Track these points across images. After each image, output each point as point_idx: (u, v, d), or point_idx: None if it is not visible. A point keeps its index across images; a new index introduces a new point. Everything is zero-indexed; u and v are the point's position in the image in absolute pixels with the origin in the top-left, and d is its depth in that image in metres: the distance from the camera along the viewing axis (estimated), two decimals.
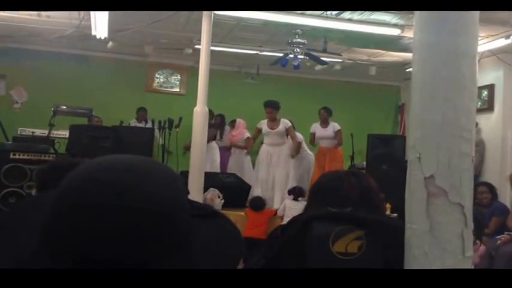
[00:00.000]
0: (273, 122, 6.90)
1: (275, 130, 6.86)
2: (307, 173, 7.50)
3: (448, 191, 1.17)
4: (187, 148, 7.23)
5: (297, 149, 7.14)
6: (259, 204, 5.86)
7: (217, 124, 8.16)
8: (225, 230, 0.86)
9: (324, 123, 7.62)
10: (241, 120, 8.21)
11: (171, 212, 0.73)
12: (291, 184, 6.62)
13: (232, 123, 8.39)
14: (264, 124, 6.99)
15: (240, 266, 1.48)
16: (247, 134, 7.92)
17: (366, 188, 1.55)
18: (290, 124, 6.94)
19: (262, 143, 7.20)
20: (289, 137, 6.94)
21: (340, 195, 1.50)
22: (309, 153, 7.70)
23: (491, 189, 5.45)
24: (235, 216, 5.78)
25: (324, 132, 7.62)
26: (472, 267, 1.20)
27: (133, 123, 8.19)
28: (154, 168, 0.76)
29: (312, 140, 7.67)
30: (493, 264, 4.60)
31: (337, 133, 7.55)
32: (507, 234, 4.91)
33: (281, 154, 6.89)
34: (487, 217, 5.17)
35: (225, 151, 8.11)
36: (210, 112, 6.30)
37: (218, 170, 7.48)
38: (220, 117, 8.48)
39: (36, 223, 0.75)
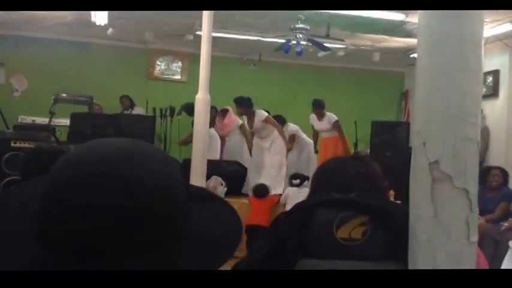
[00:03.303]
0: (250, 118, 6.79)
1: (254, 128, 6.78)
2: (308, 161, 7.46)
3: (453, 176, 1.15)
4: (185, 142, 7.20)
5: (290, 140, 7.18)
6: (262, 191, 5.86)
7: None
8: (223, 214, 0.85)
9: (319, 116, 7.54)
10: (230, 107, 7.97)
11: (167, 196, 0.71)
12: (286, 171, 6.63)
13: (224, 112, 8.23)
14: (245, 121, 6.92)
15: (243, 253, 1.48)
16: (240, 121, 7.74)
17: (370, 173, 1.53)
18: (265, 115, 6.73)
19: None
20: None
21: (344, 180, 1.49)
22: (308, 141, 7.66)
23: (504, 174, 5.44)
24: (239, 203, 5.78)
25: (320, 125, 7.53)
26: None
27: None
28: (148, 152, 0.75)
29: (314, 133, 7.66)
30: (498, 249, 4.62)
31: (335, 125, 7.39)
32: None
33: (273, 142, 6.76)
34: (496, 202, 5.19)
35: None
36: None
37: (218, 157, 7.43)
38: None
39: (26, 212, 0.73)
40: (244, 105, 6.76)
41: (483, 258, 1.51)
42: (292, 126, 7.63)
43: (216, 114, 8.13)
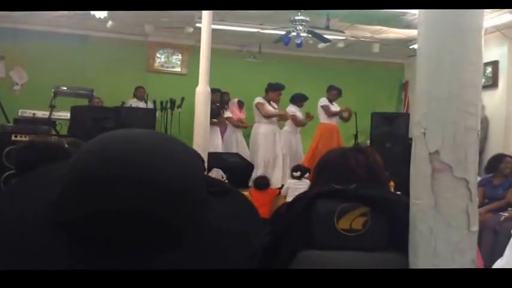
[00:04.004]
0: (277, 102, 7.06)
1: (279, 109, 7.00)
2: (299, 150, 7.52)
3: (453, 166, 1.16)
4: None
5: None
6: (263, 183, 5.85)
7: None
8: (241, 207, 0.85)
9: (334, 101, 7.60)
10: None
11: (191, 189, 0.72)
12: (290, 162, 6.69)
13: (241, 104, 8.32)
14: (266, 103, 6.95)
15: None
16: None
17: (372, 164, 1.53)
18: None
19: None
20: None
21: (346, 172, 1.49)
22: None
23: None
24: None
25: (335, 108, 7.57)
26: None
27: (134, 103, 8.13)
28: (170, 150, 0.74)
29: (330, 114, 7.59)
30: (497, 239, 4.64)
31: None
32: (511, 210, 4.94)
33: (281, 132, 7.04)
34: (505, 187, 5.19)
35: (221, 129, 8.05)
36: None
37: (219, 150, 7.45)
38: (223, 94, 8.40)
39: (41, 204, 0.74)
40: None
41: (480, 258, 1.51)
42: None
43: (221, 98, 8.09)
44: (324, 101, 7.55)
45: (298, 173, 5.91)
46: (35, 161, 1.82)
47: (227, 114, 7.95)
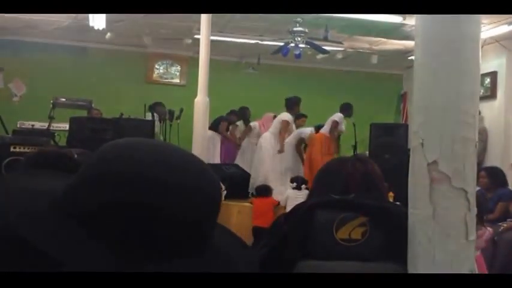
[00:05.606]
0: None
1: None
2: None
3: (451, 176, 1.16)
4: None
5: None
6: (265, 189, 5.84)
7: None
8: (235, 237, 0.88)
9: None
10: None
11: (217, 196, 0.77)
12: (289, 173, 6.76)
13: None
14: (292, 123, 7.25)
15: None
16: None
17: (370, 174, 1.54)
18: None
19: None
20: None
21: (345, 181, 1.49)
22: None
23: (493, 174, 5.39)
24: (239, 207, 5.77)
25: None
26: (477, 253, 1.19)
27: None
28: (192, 155, 0.79)
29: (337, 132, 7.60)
30: (496, 250, 4.62)
31: None
32: (510, 221, 4.92)
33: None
34: (494, 202, 5.15)
35: (232, 144, 8.04)
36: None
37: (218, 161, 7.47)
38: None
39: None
40: None
41: (483, 266, 1.51)
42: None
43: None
44: (340, 118, 7.39)
45: (295, 184, 5.92)
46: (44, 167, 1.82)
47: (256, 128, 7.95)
